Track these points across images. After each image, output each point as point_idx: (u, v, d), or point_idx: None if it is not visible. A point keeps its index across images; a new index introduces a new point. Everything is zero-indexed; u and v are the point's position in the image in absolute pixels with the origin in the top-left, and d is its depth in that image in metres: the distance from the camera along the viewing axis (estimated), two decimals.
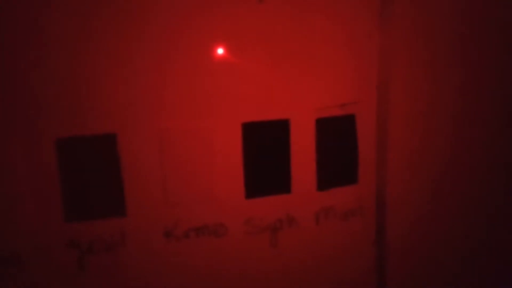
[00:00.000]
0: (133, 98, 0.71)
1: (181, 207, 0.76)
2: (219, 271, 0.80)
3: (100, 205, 0.72)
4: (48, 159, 0.68)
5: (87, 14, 0.66)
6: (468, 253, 0.93)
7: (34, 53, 0.65)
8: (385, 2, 0.83)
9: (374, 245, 0.91)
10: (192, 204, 0.77)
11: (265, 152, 0.80)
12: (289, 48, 0.78)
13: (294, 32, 0.78)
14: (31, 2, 0.64)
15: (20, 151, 0.67)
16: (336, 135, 0.85)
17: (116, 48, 0.69)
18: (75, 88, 0.68)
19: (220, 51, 0.75)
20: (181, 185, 0.75)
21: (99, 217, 0.72)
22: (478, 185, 0.93)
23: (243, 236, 0.81)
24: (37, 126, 0.67)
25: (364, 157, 0.87)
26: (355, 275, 0.90)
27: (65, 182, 0.70)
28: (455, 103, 0.88)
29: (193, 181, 0.76)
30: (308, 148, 0.83)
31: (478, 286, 0.95)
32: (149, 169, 0.73)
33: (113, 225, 0.73)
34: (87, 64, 0.68)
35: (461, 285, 0.93)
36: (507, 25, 0.88)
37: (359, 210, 0.88)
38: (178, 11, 0.71)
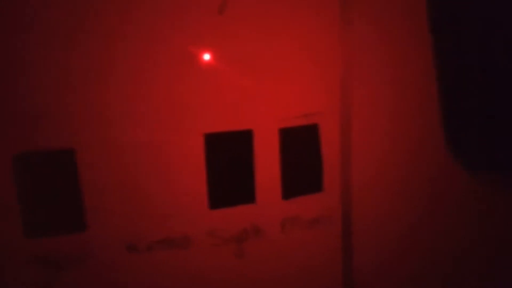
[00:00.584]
0: (91, 113, 0.70)
1: (144, 220, 0.75)
2: (185, 284, 0.80)
3: (60, 221, 0.71)
4: (5, 175, 0.67)
5: (39, 29, 0.65)
6: (436, 257, 0.94)
7: None
8: (345, 13, 0.84)
9: (341, 253, 0.91)
10: (155, 217, 0.76)
11: (228, 162, 0.80)
12: (251, 59, 0.79)
13: (256, 43, 0.79)
14: None
15: None
16: (300, 145, 0.85)
17: (73, 63, 0.68)
18: (33, 103, 0.67)
19: (181, 63, 0.74)
20: (143, 198, 0.75)
21: (59, 233, 0.71)
22: (444, 189, 0.94)
23: (208, 248, 0.80)
24: None
25: (328, 165, 0.88)
26: (322, 283, 0.90)
27: (23, 198, 0.68)
28: (419, 110, 0.89)
29: (155, 193, 0.75)
30: (272, 157, 0.83)
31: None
32: (109, 184, 0.72)
33: (73, 241, 0.72)
34: (43, 79, 0.67)
35: None
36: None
37: (325, 218, 0.88)
38: (136, 25, 0.71)
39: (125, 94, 0.72)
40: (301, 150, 0.86)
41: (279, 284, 0.86)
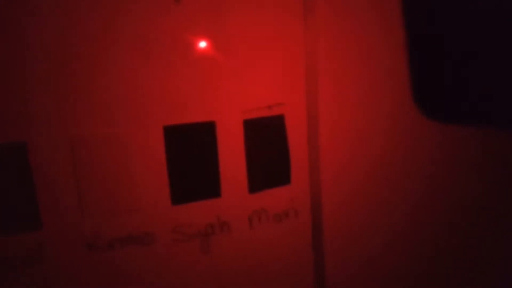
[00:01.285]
0: (43, 104, 0.67)
1: (103, 217, 0.73)
2: (149, 282, 0.77)
3: (13, 219, 0.68)
4: None
5: None
6: (407, 252, 0.93)
7: None
8: (308, 1, 0.82)
9: (311, 247, 0.89)
10: (114, 213, 0.73)
11: (191, 155, 0.78)
12: (212, 49, 0.77)
13: (217, 32, 0.77)
14: None
15: None
16: (265, 136, 0.83)
17: (24, 53, 0.66)
18: None
19: (138, 52, 0.72)
20: (100, 194, 0.72)
21: (13, 232, 0.68)
22: (414, 182, 0.92)
23: (172, 244, 0.78)
24: None
25: (296, 157, 0.86)
26: (292, 279, 0.88)
27: None
28: (386, 100, 0.88)
29: (113, 189, 0.73)
30: (237, 150, 0.81)
31: (417, 285, 0.94)
32: (64, 179, 0.70)
33: (28, 240, 0.69)
34: None
35: (400, 285, 0.92)
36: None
37: (294, 211, 0.86)
38: (91, 12, 0.68)
39: (79, 84, 0.69)
40: (267, 142, 0.84)
41: (247, 279, 0.84)
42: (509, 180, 0.94)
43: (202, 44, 0.76)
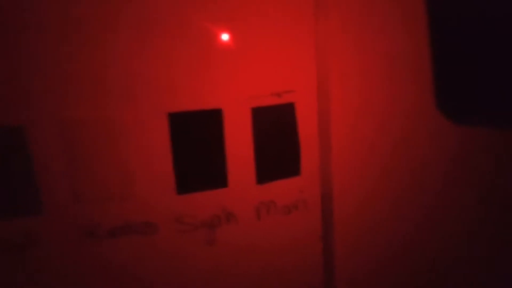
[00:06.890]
0: (43, 88, 0.66)
1: (104, 205, 0.71)
2: (151, 272, 0.75)
3: (13, 203, 0.67)
4: None
5: None
6: (419, 246, 0.89)
7: None
8: None
9: (321, 240, 0.86)
10: (116, 202, 0.72)
11: (197, 144, 0.76)
12: (219, 33, 0.74)
13: (224, 16, 0.74)
14: None
15: None
16: (275, 125, 0.80)
17: (15, 35, 0.64)
18: None
19: (142, 36, 0.70)
20: (102, 182, 0.70)
21: (12, 216, 0.67)
22: (428, 174, 0.88)
23: (175, 235, 0.76)
24: None
25: (306, 147, 0.82)
26: (301, 272, 0.85)
27: None
28: (405, 89, 0.84)
29: (115, 177, 0.71)
30: (245, 139, 0.78)
31: (428, 280, 0.90)
32: (65, 165, 0.68)
33: (28, 224, 0.68)
34: None
35: (411, 280, 0.88)
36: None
37: (303, 203, 0.83)
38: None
39: (79, 66, 0.67)
40: (276, 131, 0.81)
41: (254, 272, 0.82)
42: None
43: (209, 28, 0.74)
